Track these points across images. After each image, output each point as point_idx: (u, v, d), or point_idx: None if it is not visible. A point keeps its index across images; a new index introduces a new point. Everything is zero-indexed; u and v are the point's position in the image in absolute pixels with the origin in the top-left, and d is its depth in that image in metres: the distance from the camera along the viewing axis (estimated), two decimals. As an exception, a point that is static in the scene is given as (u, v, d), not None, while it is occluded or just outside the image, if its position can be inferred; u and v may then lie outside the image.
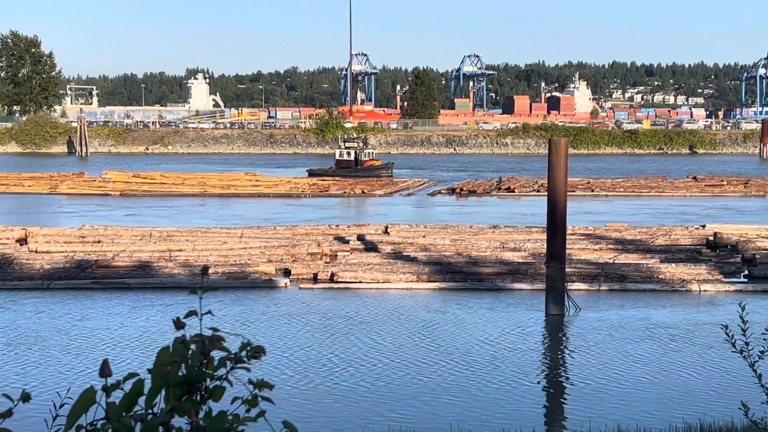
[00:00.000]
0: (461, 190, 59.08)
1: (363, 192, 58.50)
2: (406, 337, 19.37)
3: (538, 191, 56.64)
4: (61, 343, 18.88)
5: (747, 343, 6.63)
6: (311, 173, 72.97)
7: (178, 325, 2.38)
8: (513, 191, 57.86)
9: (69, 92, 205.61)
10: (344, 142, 77.91)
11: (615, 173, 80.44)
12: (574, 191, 56.65)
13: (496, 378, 16.29)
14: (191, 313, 2.47)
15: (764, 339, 6.67)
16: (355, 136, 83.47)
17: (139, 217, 42.95)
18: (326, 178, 66.55)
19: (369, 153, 75.06)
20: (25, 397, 2.63)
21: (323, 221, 38.24)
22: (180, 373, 2.31)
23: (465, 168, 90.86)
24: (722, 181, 63.52)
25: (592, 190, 58.09)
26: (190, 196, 55.77)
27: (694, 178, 65.90)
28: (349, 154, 73.78)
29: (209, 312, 2.47)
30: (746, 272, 27.22)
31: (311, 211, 46.84)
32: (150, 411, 2.32)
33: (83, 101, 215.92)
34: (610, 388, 15.67)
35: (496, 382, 16.07)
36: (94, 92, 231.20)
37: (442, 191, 59.90)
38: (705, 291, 24.58)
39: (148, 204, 50.84)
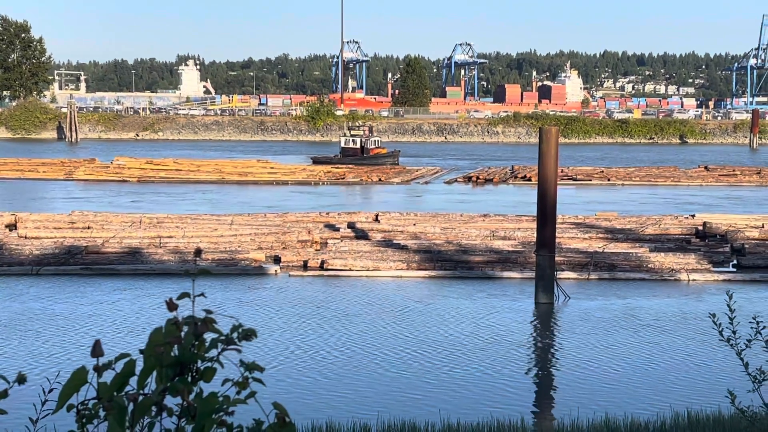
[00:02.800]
0: (477, 178, 59.31)
1: (380, 180, 58.72)
2: (395, 325, 19.41)
3: None
4: (51, 328, 18.87)
5: (734, 332, 6.68)
6: (315, 161, 72.63)
7: (171, 306, 2.40)
8: (530, 180, 57.85)
9: (57, 78, 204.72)
10: (350, 130, 77.50)
11: (608, 162, 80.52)
12: (590, 180, 57.57)
13: (485, 366, 16.35)
14: (184, 295, 2.49)
15: (751, 328, 6.71)
16: (360, 124, 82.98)
17: (162, 204, 43.12)
18: (340, 166, 66.38)
19: (375, 141, 74.74)
20: (21, 379, 2.65)
21: (339, 208, 38.43)
22: (173, 354, 2.33)
23: (467, 156, 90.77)
24: (734, 170, 63.59)
25: (609, 179, 58.40)
26: (209, 183, 55.88)
27: (706, 167, 66.03)
28: (354, 142, 73.42)
29: (202, 294, 2.49)
30: (735, 262, 27.33)
31: (324, 198, 47.24)
32: (141, 391, 2.34)
33: (73, 87, 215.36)
34: (598, 377, 15.74)
35: (485, 370, 16.12)
36: (82, 78, 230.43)
37: (458, 179, 60.10)
38: (694, 280, 24.68)
39: (167, 190, 50.92)
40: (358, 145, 73.05)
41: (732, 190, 53.36)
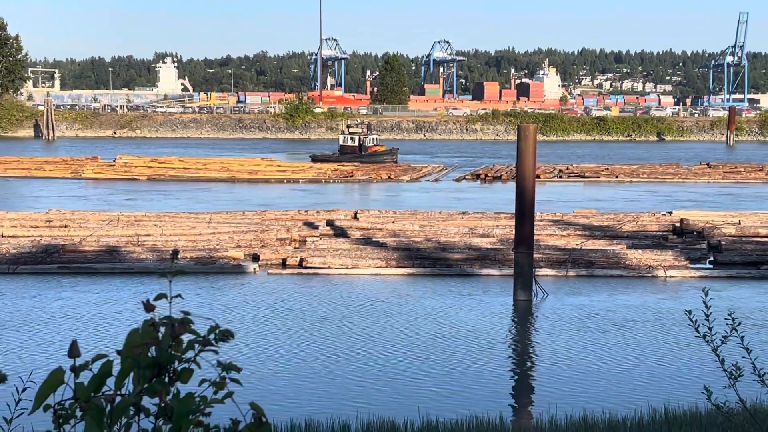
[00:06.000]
0: (486, 176, 59.56)
1: (389, 178, 58.88)
2: (374, 323, 19.43)
3: (560, 177, 58.09)
4: (26, 327, 18.77)
5: (710, 329, 6.73)
6: (314, 159, 72.87)
7: (148, 307, 2.40)
8: (539, 177, 57.78)
9: (31, 75, 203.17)
10: (348, 128, 77.81)
11: (588, 159, 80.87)
12: (598, 177, 58.52)
13: (464, 363, 16.38)
14: (161, 296, 2.49)
15: (727, 324, 6.76)
16: (358, 122, 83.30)
17: (177, 201, 43.34)
18: (345, 164, 66.51)
19: (373, 139, 75.01)
20: (1, 378, 2.64)
21: (354, 205, 38.71)
22: (150, 355, 2.33)
23: (456, 153, 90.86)
24: (736, 167, 64.05)
25: (616, 176, 58.85)
26: (219, 182, 55.94)
27: (708, 164, 66.38)
28: (353, 140, 73.72)
29: (179, 295, 2.49)
30: (711, 258, 27.49)
31: (334, 196, 48.16)
32: (119, 392, 2.34)
33: (49, 84, 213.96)
34: (576, 373, 15.81)
35: (464, 367, 16.16)
36: (56, 75, 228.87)
37: (467, 177, 60.31)
38: (671, 277, 24.82)
39: (179, 188, 50.95)
40: (357, 143, 73.30)
41: (739, 188, 53.59)
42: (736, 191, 51.22)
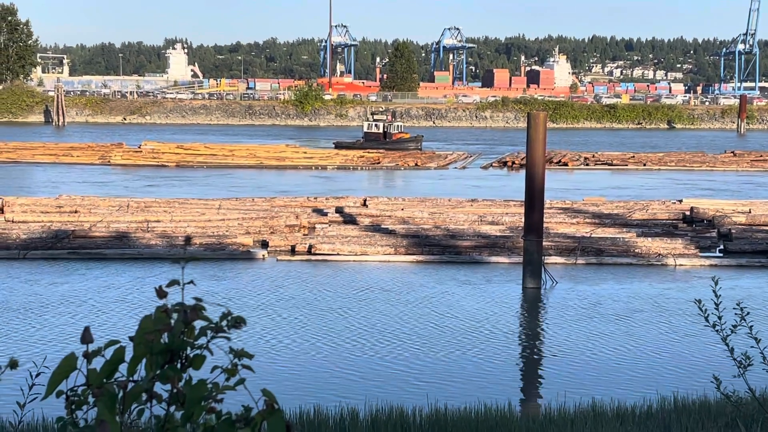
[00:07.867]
0: (513, 163, 59.43)
1: (416, 165, 58.89)
2: (382, 310, 19.44)
3: (587, 164, 58.04)
4: (37, 312, 18.83)
5: (720, 318, 6.72)
6: (338, 146, 72.86)
7: (161, 294, 2.40)
8: (566, 165, 57.80)
9: (41, 61, 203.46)
10: (372, 115, 77.90)
11: (600, 147, 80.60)
12: (626, 165, 58.34)
13: (472, 350, 16.40)
14: (173, 283, 2.49)
15: (736, 313, 6.75)
16: (383, 109, 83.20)
17: (205, 188, 43.48)
18: (371, 151, 66.55)
19: (398, 126, 75.01)
20: (13, 364, 2.65)
21: (383, 192, 39.01)
22: (162, 342, 2.34)
23: (471, 141, 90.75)
24: (761, 155, 63.87)
25: (644, 164, 58.72)
26: (247, 168, 56.09)
27: (733, 153, 66.19)
28: (377, 126, 73.73)
29: (191, 282, 2.50)
30: (721, 247, 27.42)
31: (363, 182, 49.05)
32: (131, 378, 2.35)
33: (59, 70, 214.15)
34: (585, 362, 15.81)
35: (472, 354, 16.17)
36: (65, 61, 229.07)
37: (494, 164, 60.26)
38: (680, 265, 24.78)
39: (207, 175, 51.27)
40: (381, 130, 73.28)
41: (764, 176, 53.39)
42: (759, 180, 51.01)
